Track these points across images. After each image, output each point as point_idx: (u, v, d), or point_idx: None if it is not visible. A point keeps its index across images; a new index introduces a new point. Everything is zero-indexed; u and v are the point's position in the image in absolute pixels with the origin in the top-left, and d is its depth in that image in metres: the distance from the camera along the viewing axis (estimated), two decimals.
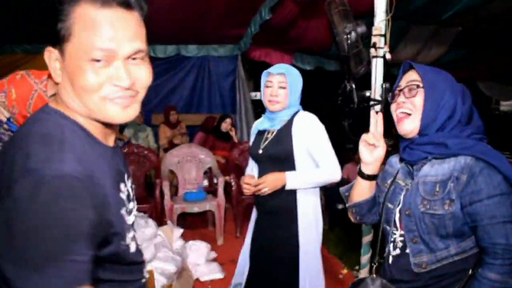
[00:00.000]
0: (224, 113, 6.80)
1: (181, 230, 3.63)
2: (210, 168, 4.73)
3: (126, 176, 0.96)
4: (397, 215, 1.36)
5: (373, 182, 1.44)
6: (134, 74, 0.83)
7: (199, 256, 3.63)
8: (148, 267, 2.83)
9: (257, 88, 9.11)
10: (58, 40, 0.80)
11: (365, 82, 3.10)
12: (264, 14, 4.79)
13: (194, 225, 4.84)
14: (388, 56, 3.05)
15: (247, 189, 2.15)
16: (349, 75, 3.12)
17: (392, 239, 1.38)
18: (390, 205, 1.39)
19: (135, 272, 0.93)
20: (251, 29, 5.52)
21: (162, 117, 6.06)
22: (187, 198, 4.35)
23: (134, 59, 0.83)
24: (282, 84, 2.11)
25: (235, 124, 6.96)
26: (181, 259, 3.09)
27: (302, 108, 2.23)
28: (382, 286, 1.33)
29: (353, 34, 2.84)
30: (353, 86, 3.07)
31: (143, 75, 0.85)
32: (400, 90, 1.35)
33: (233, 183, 4.57)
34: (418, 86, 1.30)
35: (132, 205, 0.97)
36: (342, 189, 1.62)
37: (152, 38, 6.12)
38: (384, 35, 3.01)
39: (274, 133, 2.16)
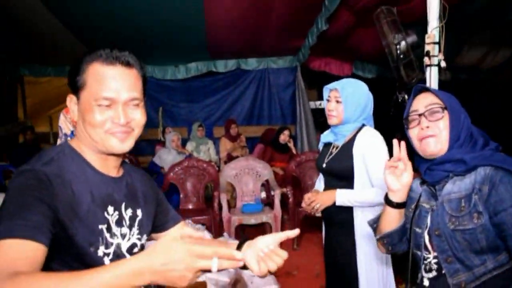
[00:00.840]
0: (284, 124, 6.86)
1: (236, 242, 3.70)
2: (267, 180, 4.79)
3: (123, 204, 1.13)
4: (427, 238, 1.33)
5: (402, 210, 1.40)
6: (130, 115, 1.06)
7: None
8: (203, 278, 2.94)
9: (321, 97, 9.06)
10: (77, 88, 1.04)
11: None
12: (321, 26, 4.80)
13: (252, 237, 4.90)
14: (443, 64, 2.94)
15: (304, 206, 2.23)
16: (401, 85, 3.05)
17: (425, 263, 1.35)
18: (418, 230, 1.36)
19: None
20: (308, 41, 5.55)
21: (223, 130, 6.24)
22: (244, 210, 4.44)
23: (132, 105, 1.06)
24: (338, 98, 2.11)
25: (295, 134, 6.99)
26: (235, 271, 3.16)
27: (372, 123, 2.19)
28: None
29: (402, 44, 2.77)
30: (406, 96, 2.99)
31: (137, 116, 1.08)
32: (420, 115, 1.33)
33: (290, 195, 4.59)
34: (442, 109, 1.30)
35: (126, 230, 1.11)
36: (369, 221, 1.60)
37: (213, 54, 6.41)
38: (438, 43, 2.90)
39: (338, 148, 2.16)
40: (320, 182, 2.34)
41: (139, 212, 1.17)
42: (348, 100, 2.09)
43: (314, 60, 6.69)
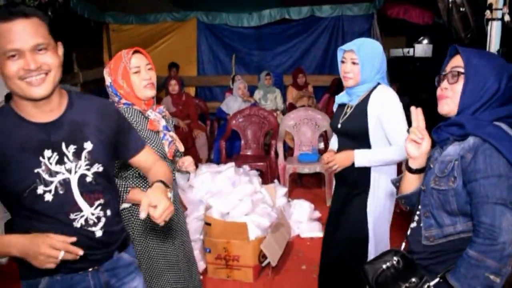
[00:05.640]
0: None
1: (285, 189, 3.91)
2: (326, 131, 4.85)
3: (63, 143, 1.26)
4: (422, 193, 1.43)
5: (421, 175, 1.46)
6: (40, 60, 1.18)
7: (301, 214, 3.89)
8: (245, 219, 3.19)
9: (409, 44, 8.59)
10: None
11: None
12: None
13: (309, 185, 5.08)
14: (507, 17, 2.72)
15: (323, 166, 2.31)
16: (457, 40, 2.88)
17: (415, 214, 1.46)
18: (422, 186, 1.44)
19: (51, 222, 1.25)
20: None
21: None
22: (300, 159, 4.58)
23: (40, 50, 1.18)
24: (354, 60, 2.10)
25: None
26: (277, 216, 3.38)
27: (386, 81, 2.18)
28: (401, 256, 1.43)
29: None
30: None
31: (47, 59, 1.19)
32: (445, 75, 1.37)
33: None
34: (459, 73, 1.32)
35: (71, 165, 1.27)
36: (392, 180, 1.67)
37: (286, 1, 6.34)
38: None
39: (352, 108, 2.18)
40: (335, 142, 2.40)
41: (87, 144, 1.29)
42: (365, 61, 2.08)
43: (391, 7, 6.33)
